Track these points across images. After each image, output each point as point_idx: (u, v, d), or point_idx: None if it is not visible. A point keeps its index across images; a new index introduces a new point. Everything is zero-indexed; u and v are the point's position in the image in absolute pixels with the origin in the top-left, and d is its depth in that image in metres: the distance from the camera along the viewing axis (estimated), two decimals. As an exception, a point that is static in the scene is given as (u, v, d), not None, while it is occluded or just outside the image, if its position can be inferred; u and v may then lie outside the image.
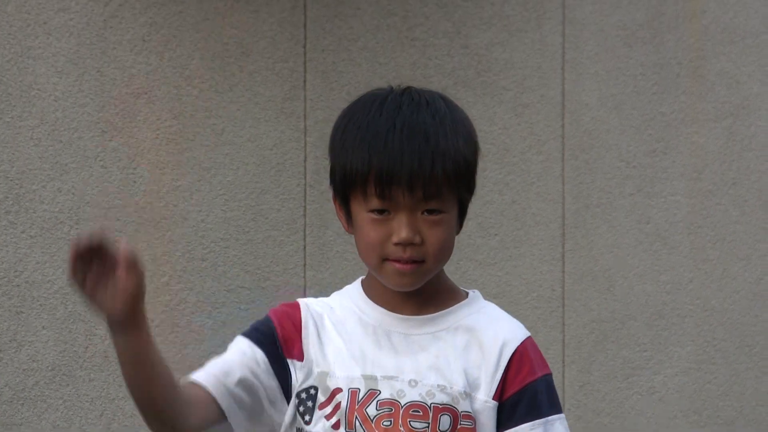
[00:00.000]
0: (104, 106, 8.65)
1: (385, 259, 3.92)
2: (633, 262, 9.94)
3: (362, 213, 3.94)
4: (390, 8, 9.14)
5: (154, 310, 8.25)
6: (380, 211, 3.89)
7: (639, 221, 9.96)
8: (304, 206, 8.45)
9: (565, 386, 9.68)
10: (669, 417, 10.39)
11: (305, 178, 8.53)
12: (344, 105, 7.30)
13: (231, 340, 3.81)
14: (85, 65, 8.68)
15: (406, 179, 3.89)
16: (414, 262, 3.87)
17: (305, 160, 8.55)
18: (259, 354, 4.03)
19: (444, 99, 4.11)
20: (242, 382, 4.01)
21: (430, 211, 3.85)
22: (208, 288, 8.63)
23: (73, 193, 8.70)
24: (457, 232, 3.95)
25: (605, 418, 10.02)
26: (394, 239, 3.88)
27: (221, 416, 3.90)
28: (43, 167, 8.96)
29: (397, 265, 3.91)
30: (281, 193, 8.62)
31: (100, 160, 8.58)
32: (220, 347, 3.80)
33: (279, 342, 4.11)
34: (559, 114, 9.68)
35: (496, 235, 9.37)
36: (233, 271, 8.56)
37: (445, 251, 3.99)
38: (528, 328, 3.99)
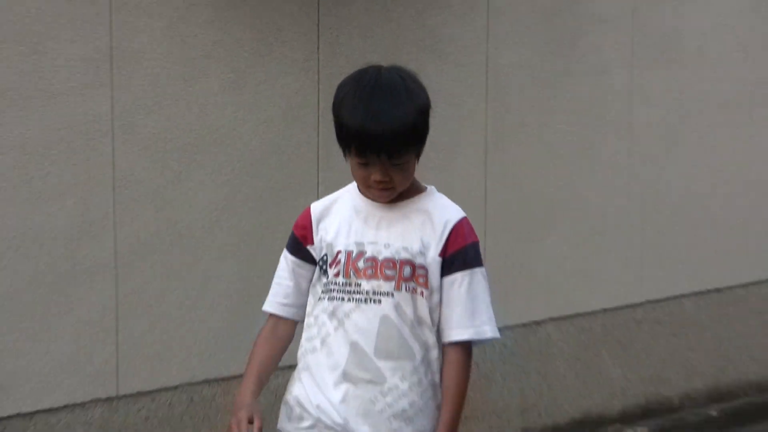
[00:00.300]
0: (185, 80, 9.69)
1: (368, 186, 5.91)
2: (533, 168, 11.93)
3: (353, 160, 5.84)
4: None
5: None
6: (362, 163, 5.81)
7: (538, 142, 11.96)
8: (318, 131, 10.00)
9: (486, 251, 9.23)
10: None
11: (318, 113, 10.01)
12: (342, 64, 10.05)
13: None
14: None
15: (375, 150, 5.73)
16: (386, 189, 5.87)
17: (318, 102, 10.05)
18: (292, 259, 6.22)
19: (401, 75, 5.90)
20: (299, 290, 6.30)
21: (395, 163, 5.79)
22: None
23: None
24: (417, 161, 5.95)
25: (513, 270, 11.73)
26: (372, 179, 5.83)
27: (296, 319, 6.27)
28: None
29: (375, 191, 5.90)
30: (302, 121, 10.13)
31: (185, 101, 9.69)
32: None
33: (300, 242, 6.18)
34: (484, 72, 11.53)
35: (442, 150, 10.96)
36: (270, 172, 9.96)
37: (407, 180, 5.92)
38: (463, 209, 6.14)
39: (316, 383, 5.89)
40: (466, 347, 5.89)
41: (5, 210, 8.86)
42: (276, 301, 6.09)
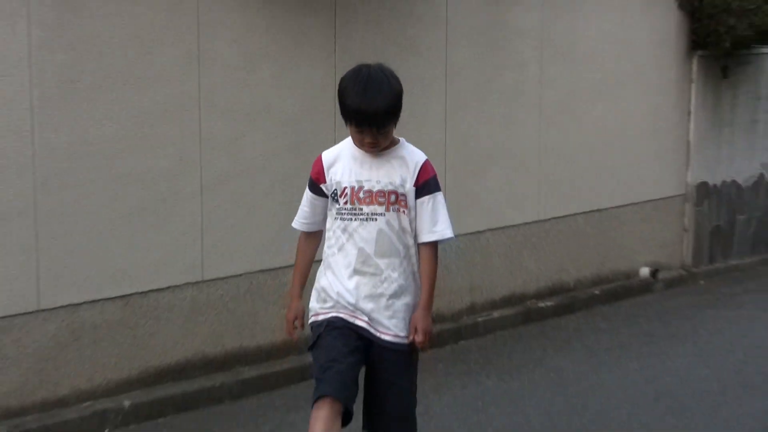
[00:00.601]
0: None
1: (362, 145, 5.97)
2: (476, 130, 11.88)
3: (352, 128, 5.93)
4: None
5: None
6: (358, 131, 5.89)
7: (479, 112, 11.98)
8: (334, 105, 9.42)
9: (446, 184, 12.00)
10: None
11: (334, 93, 9.49)
12: (351, 60, 9.38)
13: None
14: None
15: (367, 124, 5.83)
16: (374, 146, 5.94)
17: (335, 85, 9.66)
18: (309, 194, 6.23)
19: (384, 72, 5.94)
20: (315, 213, 6.26)
21: (380, 131, 5.86)
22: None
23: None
24: (395, 127, 5.98)
25: (465, 197, 11.53)
26: (365, 141, 5.94)
27: (315, 230, 6.34)
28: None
29: (367, 148, 5.97)
30: (324, 98, 9.88)
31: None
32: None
33: (315, 182, 6.17)
34: (444, 65, 11.55)
35: (417, 117, 10.77)
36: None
37: (388, 140, 5.99)
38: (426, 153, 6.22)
39: (336, 277, 6.02)
40: (433, 246, 6.05)
41: (126, 156, 8.88)
42: (300, 221, 6.29)
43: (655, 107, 13.75)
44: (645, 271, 13.59)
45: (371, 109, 5.73)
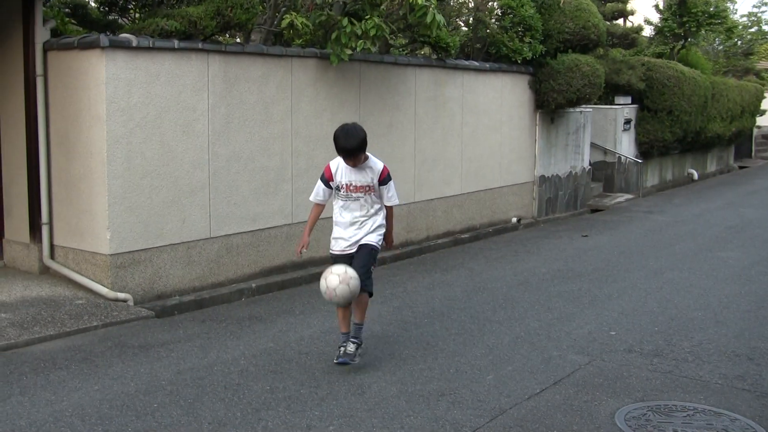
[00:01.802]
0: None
1: (347, 163, 5.83)
2: (430, 146, 11.18)
3: (341, 154, 5.81)
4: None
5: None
6: (344, 157, 5.81)
7: (431, 136, 11.31)
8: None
9: (415, 176, 10.86)
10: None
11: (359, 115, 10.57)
12: (369, 107, 9.87)
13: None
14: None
15: (349, 155, 5.77)
16: (354, 165, 5.81)
17: (360, 121, 10.63)
18: (322, 186, 6.02)
19: (356, 127, 5.80)
20: (324, 195, 6.06)
21: (356, 157, 5.76)
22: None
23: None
24: (364, 152, 5.79)
25: (424, 182, 11.13)
26: (348, 162, 5.82)
27: (323, 203, 6.12)
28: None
29: (350, 165, 5.84)
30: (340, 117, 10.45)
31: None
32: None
33: (327, 179, 5.98)
34: (413, 112, 10.96)
35: (398, 137, 10.63)
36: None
37: (362, 160, 5.81)
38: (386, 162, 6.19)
39: (340, 230, 6.08)
40: (391, 207, 6.21)
41: (256, 159, 8.88)
42: (315, 198, 6.16)
43: (518, 136, 13.45)
44: (514, 220, 13.41)
45: (350, 148, 5.81)
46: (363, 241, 6.01)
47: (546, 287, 8.98)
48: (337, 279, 5.65)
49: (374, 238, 6.04)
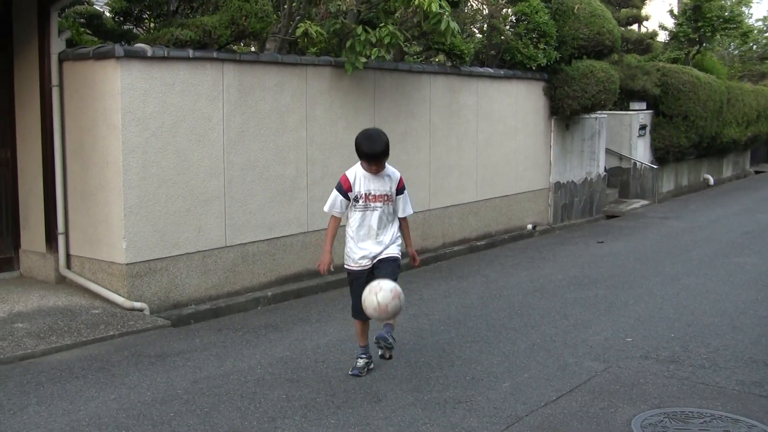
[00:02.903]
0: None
1: (369, 170, 5.70)
2: (445, 153, 11.20)
3: (364, 162, 5.71)
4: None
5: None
6: (367, 164, 5.69)
7: (446, 144, 11.35)
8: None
9: (430, 184, 10.93)
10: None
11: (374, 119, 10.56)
12: (383, 114, 9.81)
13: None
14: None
15: (372, 161, 5.66)
16: (377, 173, 5.71)
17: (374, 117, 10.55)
18: (339, 197, 5.81)
19: (379, 132, 5.70)
20: (342, 207, 5.83)
21: (379, 164, 5.66)
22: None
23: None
24: (387, 159, 5.71)
25: (439, 189, 11.08)
26: (371, 169, 5.70)
27: (340, 216, 5.90)
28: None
29: (372, 173, 5.72)
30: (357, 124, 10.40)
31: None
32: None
33: (345, 190, 5.79)
34: (428, 119, 11.09)
35: (414, 144, 10.60)
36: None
37: (383, 168, 5.73)
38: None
39: (356, 244, 5.92)
40: (405, 219, 6.10)
41: (271, 168, 8.86)
42: (332, 210, 5.93)
43: (533, 143, 13.43)
44: (529, 227, 13.38)
45: (376, 153, 5.70)
46: (385, 255, 5.88)
47: (562, 294, 8.96)
48: (390, 295, 5.47)
49: (395, 250, 5.92)
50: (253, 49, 9.42)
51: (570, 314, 8.07)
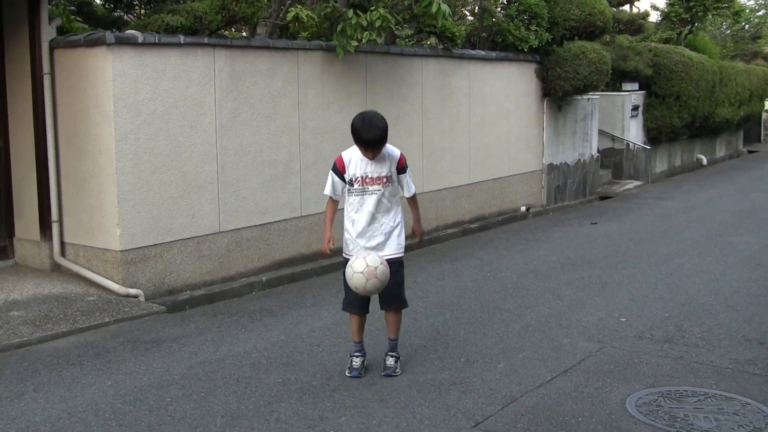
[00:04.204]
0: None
1: (365, 155, 5.43)
2: (437, 135, 11.23)
3: (360, 147, 5.43)
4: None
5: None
6: (363, 149, 5.40)
7: (438, 126, 11.43)
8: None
9: (424, 166, 11.01)
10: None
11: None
12: (376, 98, 9.77)
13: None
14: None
15: (369, 147, 5.37)
16: (373, 157, 5.42)
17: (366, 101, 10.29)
18: (336, 178, 5.54)
19: (377, 116, 5.37)
20: (338, 189, 5.56)
21: (377, 150, 5.37)
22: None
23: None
24: (384, 144, 5.39)
25: (432, 172, 11.16)
26: (367, 154, 5.42)
27: (338, 199, 5.61)
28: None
29: (368, 158, 5.43)
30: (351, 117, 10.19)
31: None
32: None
33: (340, 171, 5.51)
34: (420, 102, 11.23)
35: (406, 126, 10.62)
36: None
37: (380, 152, 5.42)
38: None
39: (355, 230, 5.60)
40: (413, 196, 5.82)
41: (264, 153, 8.81)
42: (329, 193, 5.64)
43: (526, 125, 13.45)
44: (523, 209, 13.41)
45: (373, 139, 5.39)
46: (390, 254, 5.57)
47: (556, 275, 8.98)
48: (363, 278, 5.29)
49: (399, 249, 5.66)
50: (244, 34, 9.42)
51: (564, 295, 8.09)
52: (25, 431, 4.81)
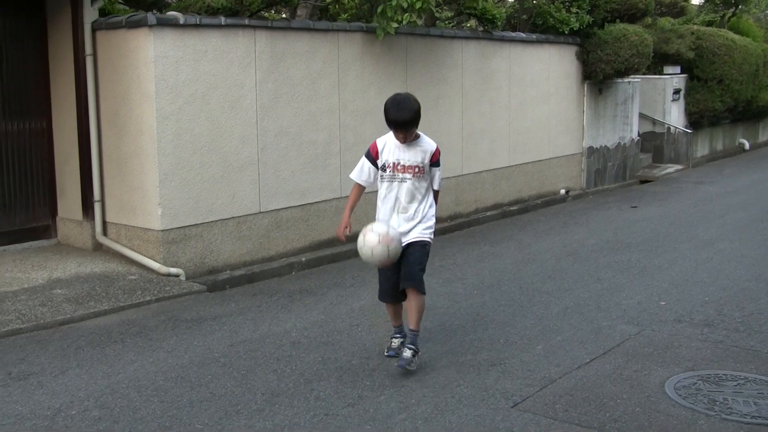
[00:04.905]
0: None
1: (398, 138, 5.36)
2: (477, 119, 11.30)
3: (392, 129, 5.36)
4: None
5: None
6: (396, 132, 5.34)
7: (478, 110, 11.47)
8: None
9: (463, 149, 11.10)
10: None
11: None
12: (416, 81, 9.81)
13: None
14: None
15: (401, 129, 5.31)
16: (405, 141, 5.36)
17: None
18: (368, 164, 5.51)
19: (409, 98, 5.30)
20: (369, 175, 5.52)
21: (408, 132, 5.30)
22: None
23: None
24: (416, 127, 5.33)
25: (472, 154, 11.18)
26: (399, 137, 5.36)
27: (365, 185, 5.57)
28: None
29: (400, 141, 5.37)
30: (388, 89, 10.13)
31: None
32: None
33: (373, 157, 5.47)
34: (460, 85, 11.50)
35: (447, 110, 10.66)
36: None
37: (413, 135, 5.37)
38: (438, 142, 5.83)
39: (382, 215, 5.54)
40: (435, 193, 5.65)
41: (305, 134, 8.93)
42: (357, 178, 5.60)
43: (566, 108, 13.45)
44: (562, 192, 13.42)
45: (402, 120, 5.31)
46: (413, 237, 5.50)
47: (595, 258, 8.98)
48: (376, 238, 5.20)
49: (426, 233, 5.55)
50: (284, 15, 9.42)
51: (603, 278, 8.08)
52: (69, 406, 4.88)
